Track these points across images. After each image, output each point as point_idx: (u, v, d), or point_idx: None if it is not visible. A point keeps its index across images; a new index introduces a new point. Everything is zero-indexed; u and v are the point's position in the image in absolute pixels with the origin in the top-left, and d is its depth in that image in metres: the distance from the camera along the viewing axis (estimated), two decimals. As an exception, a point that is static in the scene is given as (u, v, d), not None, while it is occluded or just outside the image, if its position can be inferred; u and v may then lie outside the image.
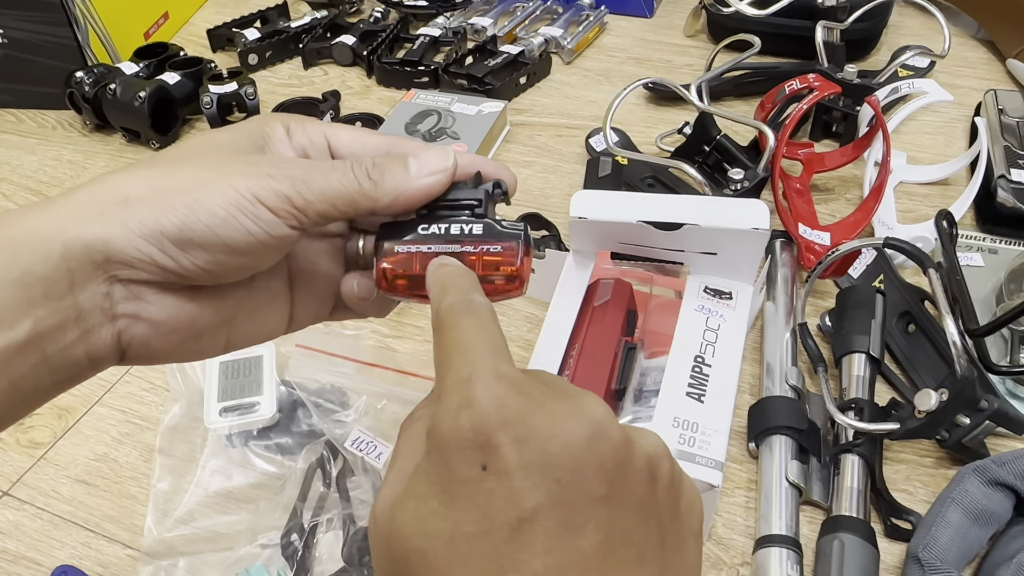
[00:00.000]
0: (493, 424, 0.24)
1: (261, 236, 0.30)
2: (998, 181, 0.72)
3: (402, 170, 0.32)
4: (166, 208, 0.29)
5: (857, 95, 0.82)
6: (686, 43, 1.04)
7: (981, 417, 0.52)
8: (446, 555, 0.23)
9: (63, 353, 0.29)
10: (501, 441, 0.24)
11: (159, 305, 0.31)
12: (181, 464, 0.58)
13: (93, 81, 0.90)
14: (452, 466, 0.24)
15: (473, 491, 0.24)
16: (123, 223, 0.29)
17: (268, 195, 0.30)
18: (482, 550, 0.23)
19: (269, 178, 0.30)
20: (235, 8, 1.14)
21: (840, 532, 0.49)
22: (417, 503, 0.25)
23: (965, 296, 0.56)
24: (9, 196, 0.86)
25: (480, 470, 0.24)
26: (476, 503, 0.23)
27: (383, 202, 0.32)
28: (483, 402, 0.24)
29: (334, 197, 0.31)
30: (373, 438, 0.56)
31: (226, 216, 0.29)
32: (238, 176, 0.30)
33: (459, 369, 0.26)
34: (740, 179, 0.72)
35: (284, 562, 0.51)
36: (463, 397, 0.24)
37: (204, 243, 0.29)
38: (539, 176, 0.84)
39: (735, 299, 0.58)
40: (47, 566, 0.54)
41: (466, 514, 0.23)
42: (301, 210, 0.30)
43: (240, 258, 0.31)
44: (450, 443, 0.24)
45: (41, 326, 0.28)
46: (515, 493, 0.23)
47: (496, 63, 0.96)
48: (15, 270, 0.27)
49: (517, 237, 0.33)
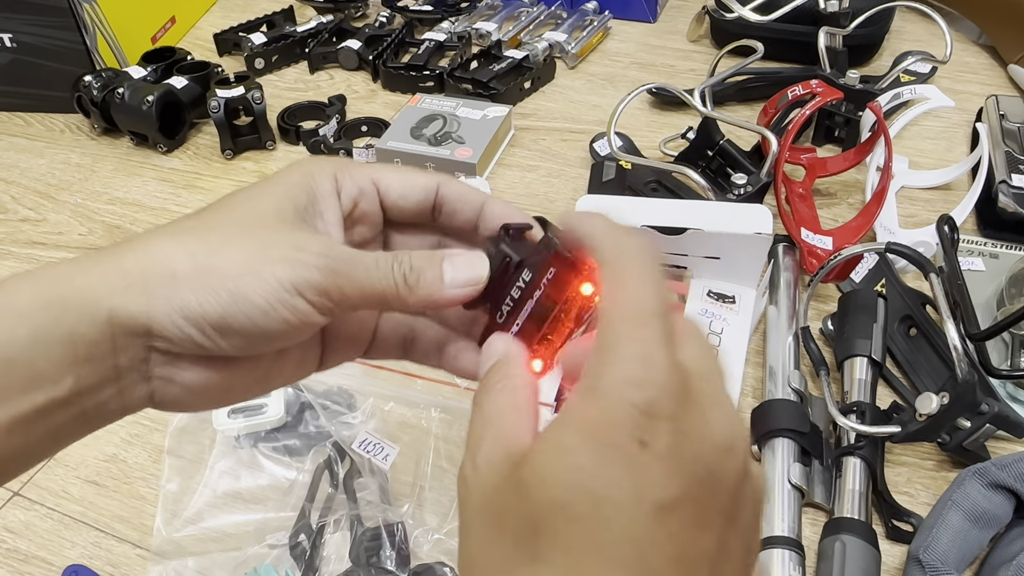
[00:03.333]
0: (664, 410, 0.25)
1: (296, 324, 0.31)
2: (999, 186, 0.73)
3: (437, 279, 0.32)
4: (210, 293, 0.29)
5: (859, 100, 0.82)
6: (689, 48, 1.05)
7: (982, 420, 0.52)
8: (591, 513, 0.24)
9: (99, 407, 0.30)
10: (665, 428, 0.24)
11: (193, 372, 0.31)
12: (190, 465, 0.59)
13: (101, 85, 0.90)
14: (612, 432, 0.24)
15: (628, 461, 0.24)
16: (167, 301, 0.29)
17: (308, 289, 0.30)
18: (627, 519, 0.24)
19: (314, 270, 0.30)
20: (241, 13, 1.14)
21: (842, 534, 0.50)
22: (564, 455, 0.25)
23: (966, 300, 0.56)
24: (18, 199, 0.87)
25: (638, 445, 0.24)
26: (628, 473, 0.24)
27: (412, 307, 0.33)
28: (659, 385, 0.25)
29: (371, 295, 0.32)
30: (380, 440, 0.56)
31: (267, 308, 0.30)
32: (282, 266, 0.30)
33: (635, 342, 0.26)
34: (743, 184, 0.72)
35: (292, 562, 0.52)
36: (641, 375, 0.25)
37: (243, 331, 0.30)
38: (543, 180, 0.84)
39: (738, 303, 0.58)
40: (58, 565, 0.54)
41: (617, 480, 0.24)
42: (336, 303, 0.31)
43: (273, 341, 0.31)
44: (617, 411, 0.24)
45: (82, 384, 0.29)
46: (665, 477, 0.24)
47: (501, 68, 0.96)
48: (63, 328, 0.28)
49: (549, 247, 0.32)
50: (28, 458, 0.30)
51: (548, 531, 0.24)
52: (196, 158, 0.91)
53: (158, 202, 0.85)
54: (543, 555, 0.24)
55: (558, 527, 0.24)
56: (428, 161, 0.83)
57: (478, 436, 0.28)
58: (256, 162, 0.90)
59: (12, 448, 0.28)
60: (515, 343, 0.32)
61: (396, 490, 0.56)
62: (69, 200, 0.86)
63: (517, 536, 0.25)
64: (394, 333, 0.38)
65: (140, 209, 0.85)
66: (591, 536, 0.24)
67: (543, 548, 0.24)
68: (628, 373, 0.25)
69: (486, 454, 0.27)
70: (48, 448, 0.30)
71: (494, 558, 0.25)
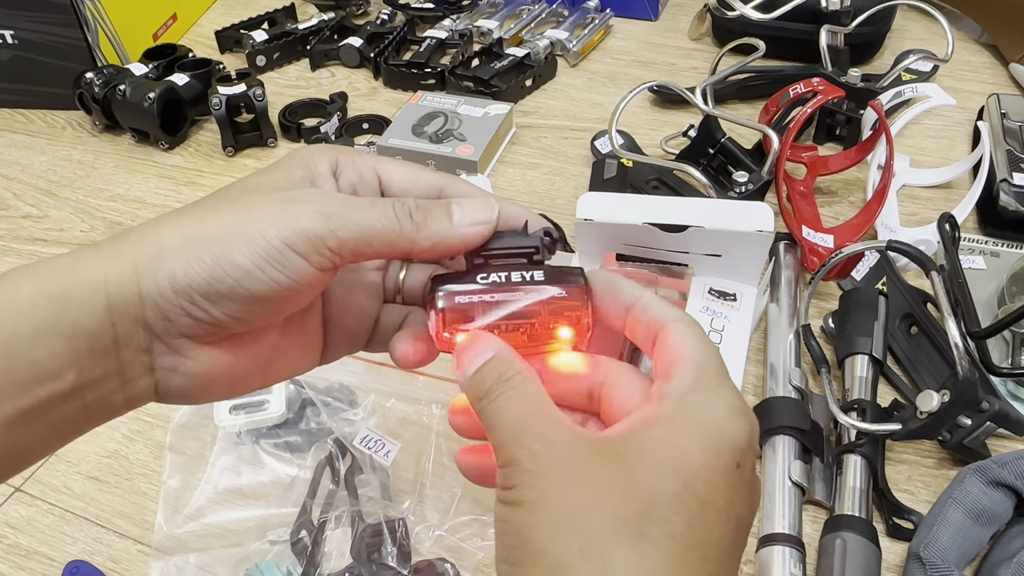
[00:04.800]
0: (753, 443, 0.29)
1: (289, 284, 0.30)
2: (1000, 185, 0.73)
3: (445, 216, 0.32)
4: (194, 260, 0.29)
5: (861, 99, 0.82)
6: (691, 46, 1.05)
7: (982, 418, 0.52)
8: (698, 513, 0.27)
9: (102, 401, 0.30)
10: (751, 459, 0.29)
11: (196, 359, 0.31)
12: (191, 461, 0.59)
13: (103, 82, 0.90)
14: (721, 448, 0.28)
15: (728, 477, 0.28)
16: (155, 276, 0.29)
17: (298, 240, 0.29)
18: (722, 527, 0.27)
19: (303, 216, 0.29)
20: (243, 10, 1.14)
21: (843, 531, 0.50)
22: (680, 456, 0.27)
23: (967, 298, 0.56)
24: (19, 196, 0.87)
25: (736, 465, 0.28)
26: (728, 488, 0.27)
27: (422, 245, 0.31)
28: (753, 421, 0.29)
29: (371, 235, 0.30)
30: (381, 436, 0.56)
31: (252, 268, 0.29)
32: (269, 221, 0.29)
33: (725, 377, 0.30)
34: (744, 182, 0.72)
35: (294, 558, 0.52)
36: (742, 407, 0.29)
37: (232, 295, 0.29)
38: (545, 178, 0.84)
39: (739, 301, 0.58)
40: (59, 561, 0.54)
41: (720, 490, 0.27)
42: (335, 251, 0.30)
43: (270, 306, 0.30)
44: (726, 431, 0.28)
45: (84, 377, 0.29)
46: (747, 499, 0.29)
47: (502, 65, 0.96)
48: (65, 322, 0.28)
49: (579, 281, 0.32)
50: (30, 454, 0.30)
51: (658, 516, 0.26)
52: (197, 155, 0.91)
53: (159, 199, 0.85)
54: (651, 535, 0.26)
55: (668, 515, 0.26)
56: (429, 159, 0.83)
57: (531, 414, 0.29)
58: (257, 159, 0.90)
59: (14, 443, 0.28)
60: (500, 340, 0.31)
61: (397, 486, 0.56)
62: (70, 197, 0.86)
63: (621, 512, 0.26)
64: (395, 324, 0.37)
65: (141, 206, 0.85)
66: (695, 532, 0.26)
67: (651, 529, 0.26)
68: (734, 402, 0.29)
69: (553, 432, 0.28)
70: (51, 443, 0.30)
71: (594, 527, 0.26)
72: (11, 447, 0.28)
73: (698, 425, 0.28)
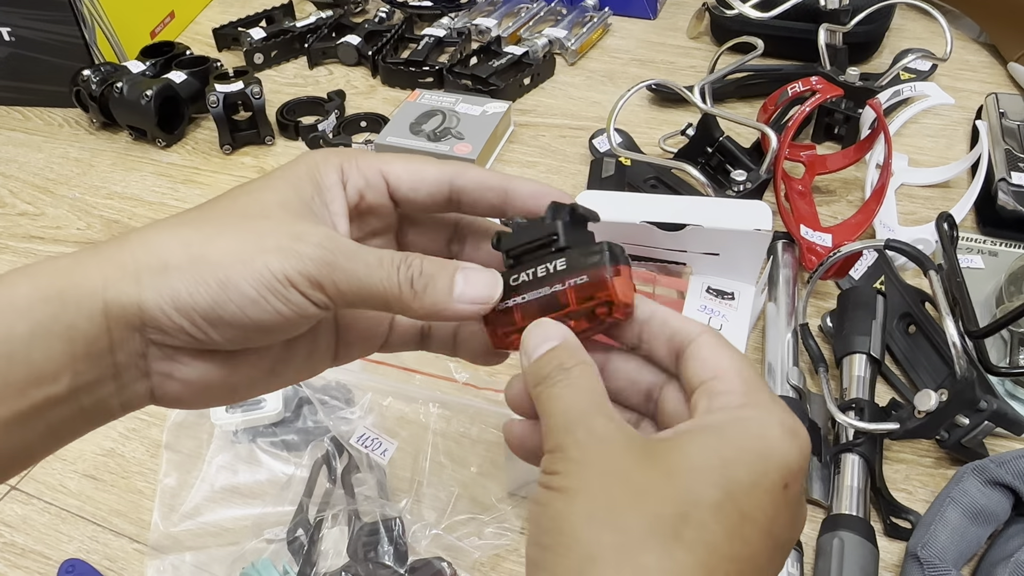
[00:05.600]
0: (804, 464, 0.28)
1: (290, 316, 0.30)
2: (999, 184, 0.73)
3: (446, 288, 0.31)
4: (200, 283, 0.29)
5: (859, 98, 0.82)
6: (689, 45, 1.04)
7: (980, 417, 0.52)
8: (736, 525, 0.26)
9: (98, 404, 0.30)
10: (800, 479, 0.28)
11: (192, 367, 0.31)
12: (187, 460, 0.59)
13: (100, 79, 0.90)
14: (768, 465, 0.27)
15: (772, 495, 0.27)
16: (157, 291, 0.29)
17: (301, 280, 0.29)
18: (759, 544, 0.27)
19: (309, 261, 0.29)
20: (240, 7, 1.14)
21: (840, 530, 0.50)
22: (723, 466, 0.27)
23: (965, 298, 0.56)
24: (16, 193, 0.86)
25: (783, 486, 0.27)
26: (770, 506, 0.27)
27: (417, 313, 0.31)
28: (805, 442, 0.28)
29: (369, 294, 0.30)
30: (378, 435, 0.56)
31: (256, 298, 0.29)
32: (276, 255, 0.29)
33: (768, 391, 0.30)
34: (742, 180, 0.72)
35: (290, 557, 0.52)
36: (795, 427, 0.28)
37: (234, 321, 0.29)
38: (543, 176, 0.84)
39: (737, 299, 0.58)
40: (55, 560, 0.54)
41: (762, 507, 0.27)
42: (331, 298, 0.30)
43: (269, 334, 0.31)
44: (776, 450, 0.28)
45: (80, 380, 0.29)
46: (790, 522, 0.28)
47: (500, 64, 0.96)
48: (61, 324, 0.28)
49: (600, 261, 0.31)
50: (26, 457, 0.30)
51: (697, 522, 0.26)
52: (195, 153, 0.91)
53: (156, 197, 0.85)
54: (686, 538, 0.25)
55: (708, 522, 0.26)
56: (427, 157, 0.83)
57: (584, 407, 0.29)
58: (255, 157, 0.90)
59: (11, 446, 0.28)
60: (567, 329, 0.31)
61: (394, 485, 0.56)
62: (67, 194, 0.86)
63: (660, 514, 0.26)
64: (413, 325, 0.37)
65: (138, 204, 0.84)
66: (733, 544, 0.26)
67: (687, 532, 0.25)
68: (787, 420, 0.28)
69: (603, 427, 0.28)
70: (47, 445, 0.30)
71: (630, 525, 0.26)
72: (8, 449, 0.28)
73: (749, 440, 0.27)
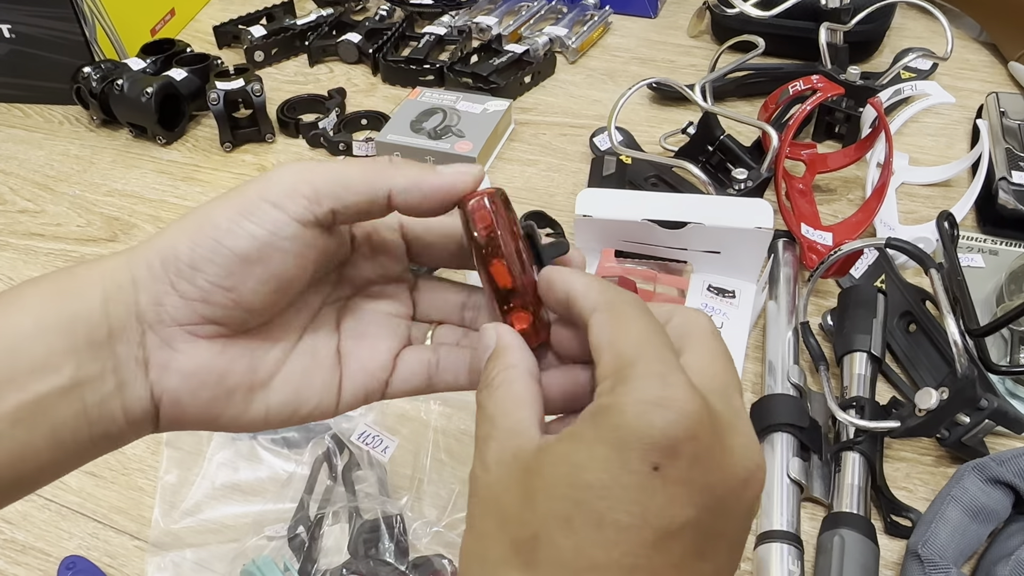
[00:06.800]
0: (681, 434, 0.24)
1: (267, 239, 0.29)
2: (999, 183, 0.73)
3: (428, 166, 0.32)
4: (179, 232, 0.30)
5: (860, 97, 0.82)
6: (690, 44, 1.04)
7: (981, 416, 0.52)
8: (592, 532, 0.24)
9: (102, 405, 0.30)
10: (682, 452, 0.24)
11: (189, 354, 0.31)
12: (188, 457, 0.59)
13: (100, 77, 0.90)
14: (626, 453, 0.24)
15: (638, 485, 0.24)
16: (145, 258, 0.30)
17: (273, 191, 0.30)
18: (627, 543, 0.24)
19: (278, 174, 0.30)
20: (241, 5, 1.14)
21: (841, 528, 0.50)
22: (574, 471, 0.25)
23: (966, 296, 0.56)
24: (16, 190, 0.86)
25: (651, 468, 0.24)
26: (636, 497, 0.24)
27: (399, 183, 0.30)
28: (678, 409, 0.24)
29: (347, 179, 0.30)
30: (379, 432, 0.56)
31: (229, 225, 0.29)
32: (250, 184, 0.30)
33: (651, 362, 0.26)
34: (743, 179, 0.72)
35: (291, 554, 0.52)
36: (660, 395, 0.25)
37: (213, 256, 0.29)
38: (543, 175, 0.84)
39: (738, 297, 0.58)
40: (55, 556, 0.54)
41: (624, 503, 0.24)
42: (310, 199, 0.30)
43: (252, 268, 0.30)
44: (633, 432, 0.24)
45: (82, 372, 0.29)
46: (673, 504, 0.24)
47: (501, 62, 0.96)
48: (63, 315, 0.29)
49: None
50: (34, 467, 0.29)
51: (547, 541, 0.24)
52: (195, 150, 0.91)
53: (157, 194, 0.85)
54: (537, 562, 0.24)
55: (557, 539, 0.24)
56: (428, 155, 0.83)
57: (486, 435, 0.28)
58: (255, 155, 0.90)
59: (15, 445, 0.28)
60: (506, 329, 0.31)
61: (395, 482, 0.56)
62: (67, 191, 0.86)
63: (516, 539, 0.25)
64: (419, 361, 0.35)
65: (139, 201, 0.84)
66: (587, 555, 0.24)
67: (539, 556, 0.24)
68: (647, 393, 0.25)
69: (496, 454, 0.27)
70: (54, 456, 0.29)
71: (491, 555, 0.25)
72: (15, 450, 0.28)
73: (601, 433, 0.25)
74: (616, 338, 0.27)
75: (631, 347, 0.26)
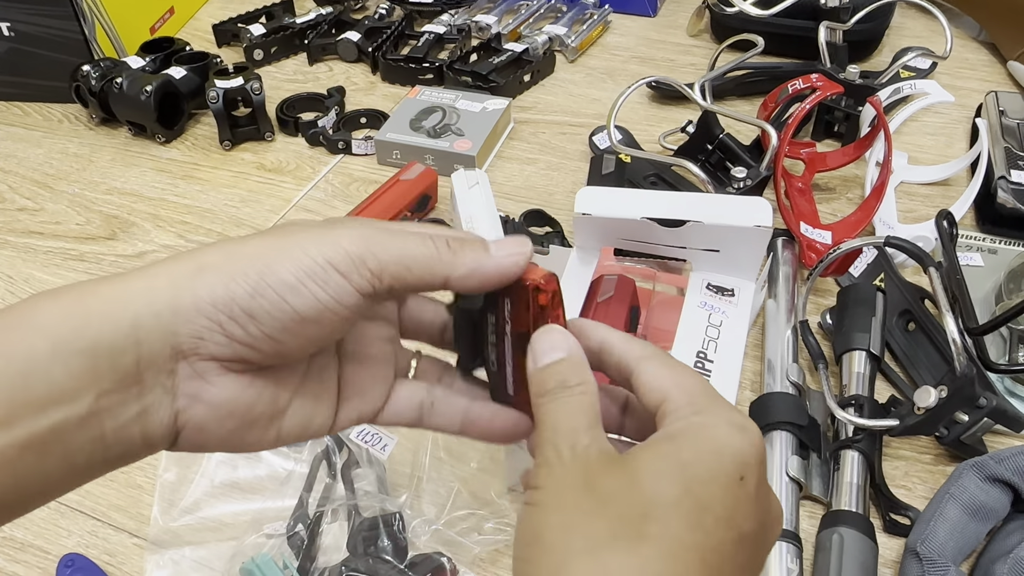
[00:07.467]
0: (758, 455, 0.29)
1: (330, 304, 0.29)
2: (998, 182, 0.73)
3: (481, 247, 0.32)
4: (237, 275, 0.28)
5: (859, 95, 0.82)
6: (689, 42, 1.04)
7: (979, 414, 0.52)
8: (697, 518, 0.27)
9: (120, 431, 0.28)
10: (757, 471, 0.29)
11: (220, 387, 0.30)
12: (187, 455, 0.59)
13: (99, 75, 0.90)
14: (723, 459, 0.29)
15: (729, 488, 0.28)
16: (193, 291, 0.28)
17: (341, 259, 0.29)
18: (721, 535, 0.28)
19: (343, 239, 0.29)
20: (240, 3, 1.14)
21: (840, 526, 0.50)
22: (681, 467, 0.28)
23: (965, 295, 0.56)
24: (15, 188, 0.86)
25: (739, 477, 0.28)
26: (729, 498, 0.28)
27: (459, 272, 0.31)
28: (755, 433, 0.30)
29: (411, 261, 0.30)
30: (378, 430, 0.56)
31: (296, 283, 0.29)
32: (311, 241, 0.29)
33: (719, 398, 0.31)
34: (743, 177, 0.72)
35: (290, 552, 0.52)
36: (742, 423, 0.30)
37: (273, 310, 0.29)
38: (543, 173, 0.84)
39: (737, 296, 0.58)
40: (55, 554, 0.54)
41: (721, 499, 0.28)
42: (375, 273, 0.30)
43: (307, 327, 0.30)
44: (727, 444, 0.29)
45: (103, 401, 0.27)
46: (748, 514, 0.29)
47: (500, 60, 0.96)
48: (85, 339, 0.27)
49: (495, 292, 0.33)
50: (39, 493, 0.28)
51: (656, 517, 0.27)
52: (194, 149, 0.91)
53: (156, 192, 0.85)
54: (649, 534, 0.27)
55: (668, 517, 0.27)
56: (427, 153, 0.83)
57: (570, 427, 0.30)
58: (254, 153, 0.90)
59: (26, 470, 0.27)
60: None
61: (394, 480, 0.56)
62: (67, 190, 0.86)
63: (623, 514, 0.27)
64: (411, 398, 0.36)
65: (138, 199, 0.84)
66: (692, 534, 0.27)
67: (650, 529, 0.27)
68: (733, 418, 0.30)
69: (584, 446, 0.29)
70: (62, 479, 0.28)
71: (597, 528, 0.27)
72: (23, 475, 0.27)
73: (702, 441, 0.29)
74: (680, 380, 0.31)
75: (696, 386, 0.31)
